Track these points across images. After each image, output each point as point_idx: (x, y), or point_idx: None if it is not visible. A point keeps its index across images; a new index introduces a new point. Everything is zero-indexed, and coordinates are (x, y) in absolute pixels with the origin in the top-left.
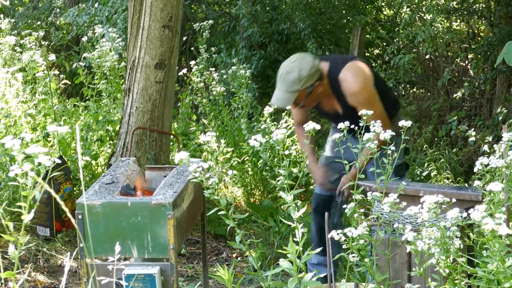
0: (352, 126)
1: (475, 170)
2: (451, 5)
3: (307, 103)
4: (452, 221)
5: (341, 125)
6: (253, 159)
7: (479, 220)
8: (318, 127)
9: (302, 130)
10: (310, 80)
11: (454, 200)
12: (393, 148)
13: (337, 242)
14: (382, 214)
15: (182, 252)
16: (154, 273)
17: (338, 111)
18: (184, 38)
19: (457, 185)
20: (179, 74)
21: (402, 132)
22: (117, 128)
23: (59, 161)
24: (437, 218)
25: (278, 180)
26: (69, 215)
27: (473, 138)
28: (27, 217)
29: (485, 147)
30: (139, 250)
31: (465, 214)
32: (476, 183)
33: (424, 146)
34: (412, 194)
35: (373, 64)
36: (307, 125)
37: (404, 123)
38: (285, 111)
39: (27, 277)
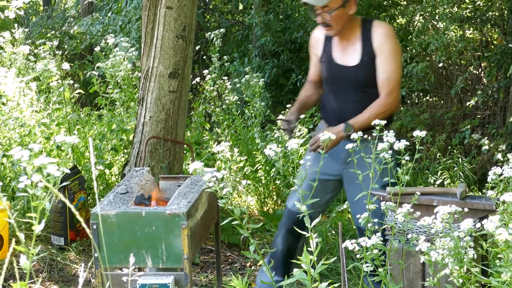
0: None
1: (489, 180)
2: (464, 13)
3: (336, 16)
4: (465, 231)
5: (354, 135)
6: (266, 167)
7: (493, 230)
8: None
9: (307, 88)
10: None
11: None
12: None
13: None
14: (396, 223)
15: (196, 261)
16: (168, 283)
17: (350, 63)
18: (198, 47)
19: (470, 194)
20: (193, 83)
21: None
22: (131, 137)
23: (68, 171)
24: (450, 228)
25: (292, 189)
26: (83, 224)
27: (486, 147)
28: (38, 228)
29: (499, 156)
30: (153, 259)
31: (478, 225)
32: (490, 193)
33: (438, 155)
34: (426, 204)
35: None
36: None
37: (419, 133)
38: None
39: (41, 286)
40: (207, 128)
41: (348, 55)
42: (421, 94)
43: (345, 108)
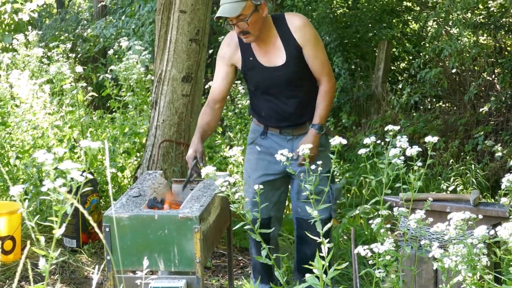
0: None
1: (502, 186)
2: (477, 19)
3: (252, 23)
4: (479, 238)
5: (367, 140)
6: None
7: (506, 237)
8: (344, 141)
9: (206, 112)
10: None
11: (480, 216)
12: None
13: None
14: (408, 229)
15: (207, 265)
16: (180, 286)
17: (277, 62)
18: (210, 51)
19: (484, 200)
20: (205, 86)
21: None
22: (144, 140)
23: (91, 177)
24: (464, 235)
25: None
26: (96, 229)
27: (499, 153)
28: (58, 232)
29: None
30: (165, 263)
31: (492, 232)
32: (503, 200)
33: (450, 161)
34: (439, 210)
35: (399, 78)
36: (334, 139)
37: (431, 139)
38: None
39: None
40: (220, 132)
41: (273, 56)
42: (434, 100)
43: (283, 106)
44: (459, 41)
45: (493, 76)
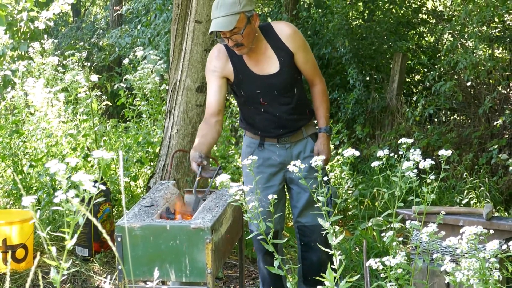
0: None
1: None
2: (493, 32)
3: (246, 35)
4: (491, 252)
5: (380, 153)
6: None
7: None
8: (357, 153)
9: (206, 125)
10: (248, 5)
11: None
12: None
13: None
14: (421, 242)
15: (219, 275)
16: None
17: (270, 71)
18: None
19: (497, 214)
20: None
21: None
22: (157, 150)
23: (103, 187)
24: (476, 249)
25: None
26: (106, 237)
27: None
28: (70, 243)
29: None
30: (177, 273)
31: (504, 246)
32: None
33: (464, 174)
34: (452, 223)
35: (414, 90)
36: (347, 151)
37: (444, 152)
38: None
39: None
40: (233, 142)
41: (265, 64)
42: (448, 112)
43: (278, 113)
44: (474, 54)
45: (508, 89)
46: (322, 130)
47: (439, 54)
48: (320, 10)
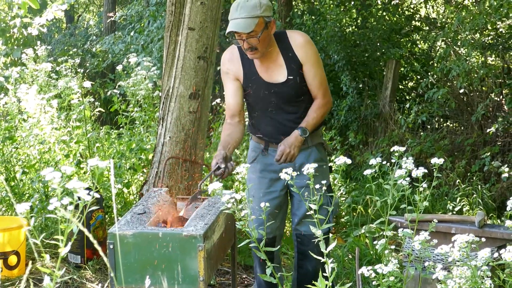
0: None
1: (508, 208)
2: (486, 40)
3: (262, 39)
4: (483, 260)
5: (373, 161)
6: None
7: (511, 260)
8: (349, 161)
9: (228, 125)
10: (267, 10)
11: (484, 239)
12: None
13: None
14: (413, 250)
15: (211, 282)
16: None
17: (279, 79)
18: (218, 68)
19: (489, 222)
20: (212, 103)
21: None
22: (150, 156)
23: (98, 196)
24: (467, 257)
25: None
26: (96, 245)
27: (506, 174)
28: (64, 250)
29: None
30: (169, 281)
31: (496, 254)
32: (508, 222)
33: (457, 181)
34: (444, 231)
35: (407, 97)
36: (338, 159)
37: (437, 160)
38: None
39: None
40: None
41: (274, 72)
42: (441, 119)
43: (283, 121)
44: (467, 62)
45: (501, 97)
46: (297, 128)
47: (432, 61)
48: (313, 17)
